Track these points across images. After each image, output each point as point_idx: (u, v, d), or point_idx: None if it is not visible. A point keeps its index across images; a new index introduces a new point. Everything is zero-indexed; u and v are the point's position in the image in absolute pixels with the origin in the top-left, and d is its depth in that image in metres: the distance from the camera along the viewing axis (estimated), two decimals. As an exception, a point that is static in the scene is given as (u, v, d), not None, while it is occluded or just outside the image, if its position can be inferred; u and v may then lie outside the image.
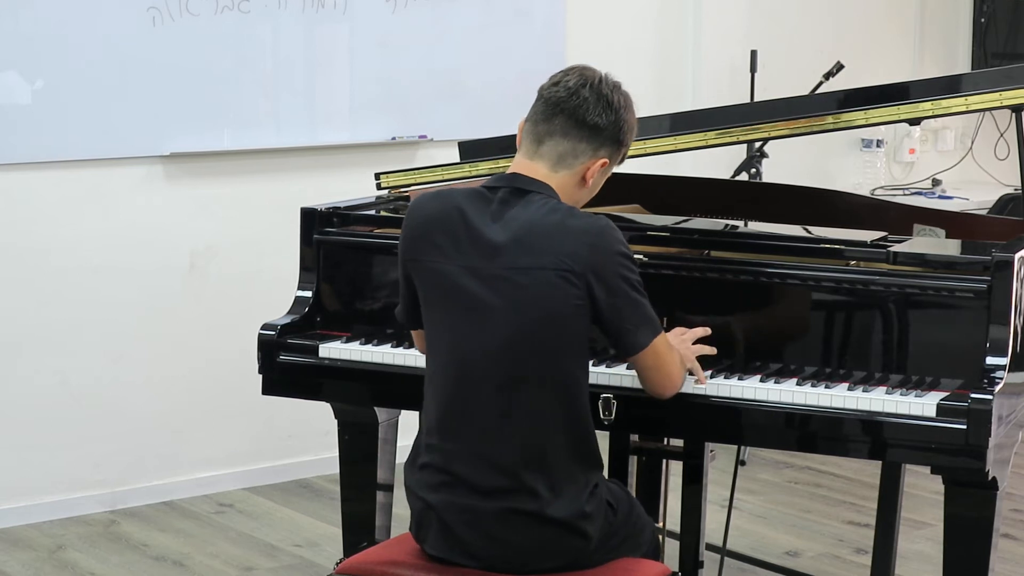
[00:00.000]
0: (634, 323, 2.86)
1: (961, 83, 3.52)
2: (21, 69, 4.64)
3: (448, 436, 2.88)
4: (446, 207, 2.90)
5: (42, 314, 4.79)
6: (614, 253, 2.82)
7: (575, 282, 2.79)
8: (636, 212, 3.75)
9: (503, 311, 2.81)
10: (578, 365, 2.86)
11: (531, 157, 2.91)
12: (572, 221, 2.83)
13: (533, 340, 2.80)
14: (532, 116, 2.92)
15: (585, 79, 2.90)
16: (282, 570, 4.46)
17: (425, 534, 2.91)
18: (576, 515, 2.83)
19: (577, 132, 2.88)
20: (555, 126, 2.88)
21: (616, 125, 2.90)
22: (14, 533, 4.71)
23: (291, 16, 5.07)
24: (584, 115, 2.87)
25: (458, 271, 2.84)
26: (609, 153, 2.92)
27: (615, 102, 2.90)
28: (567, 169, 2.90)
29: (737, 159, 5.58)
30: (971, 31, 6.80)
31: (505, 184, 2.89)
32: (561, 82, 2.90)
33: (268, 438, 5.20)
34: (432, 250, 2.88)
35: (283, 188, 5.08)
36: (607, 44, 5.75)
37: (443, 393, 2.88)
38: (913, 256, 3.12)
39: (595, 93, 2.89)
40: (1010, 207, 5.79)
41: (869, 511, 4.46)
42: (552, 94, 2.90)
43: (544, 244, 2.80)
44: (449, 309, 2.87)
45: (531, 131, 2.91)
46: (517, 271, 2.80)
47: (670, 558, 3.51)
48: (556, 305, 2.79)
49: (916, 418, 2.94)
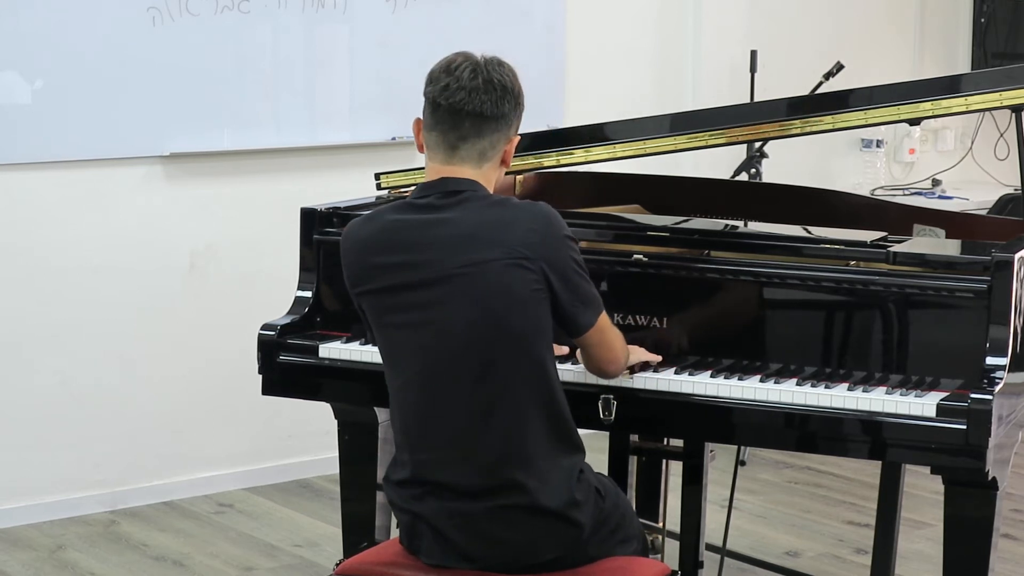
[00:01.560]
0: (583, 303, 2.89)
1: (961, 83, 3.52)
2: (21, 69, 4.64)
3: (423, 446, 2.87)
4: (378, 226, 2.90)
5: (42, 314, 4.79)
6: (562, 237, 2.85)
7: (531, 268, 2.80)
8: (636, 212, 3.76)
9: (462, 308, 2.81)
10: (545, 349, 2.86)
11: (450, 162, 2.89)
12: (516, 211, 2.85)
13: (497, 329, 2.80)
14: (435, 125, 2.89)
15: (473, 71, 2.86)
16: (282, 570, 4.46)
17: (418, 544, 2.90)
18: (567, 504, 2.83)
19: (488, 127, 2.88)
20: (466, 130, 2.87)
21: (516, 101, 2.91)
22: (14, 533, 4.71)
23: (291, 16, 5.07)
24: (490, 110, 2.87)
25: (408, 282, 2.84)
26: (516, 127, 2.95)
27: (508, 83, 2.89)
28: (489, 161, 2.91)
29: (737, 159, 5.58)
30: (971, 31, 6.80)
31: (433, 190, 2.89)
32: (451, 85, 2.85)
33: (268, 438, 5.21)
34: (376, 273, 2.87)
35: (283, 188, 5.08)
36: (607, 44, 5.75)
37: (412, 405, 2.88)
38: (913, 256, 3.12)
39: (489, 84, 2.86)
40: (1010, 207, 5.79)
41: (869, 511, 4.45)
42: (449, 100, 2.86)
43: (492, 236, 2.81)
44: (407, 323, 2.86)
45: (441, 141, 2.89)
46: (470, 267, 2.80)
47: (670, 558, 3.51)
48: (515, 292, 2.80)
49: (916, 418, 2.94)
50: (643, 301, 3.25)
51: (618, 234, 3.39)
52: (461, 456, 2.84)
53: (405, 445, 2.90)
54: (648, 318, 3.24)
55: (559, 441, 2.87)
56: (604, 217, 3.57)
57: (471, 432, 2.83)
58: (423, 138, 2.94)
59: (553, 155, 3.77)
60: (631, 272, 3.27)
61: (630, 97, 5.66)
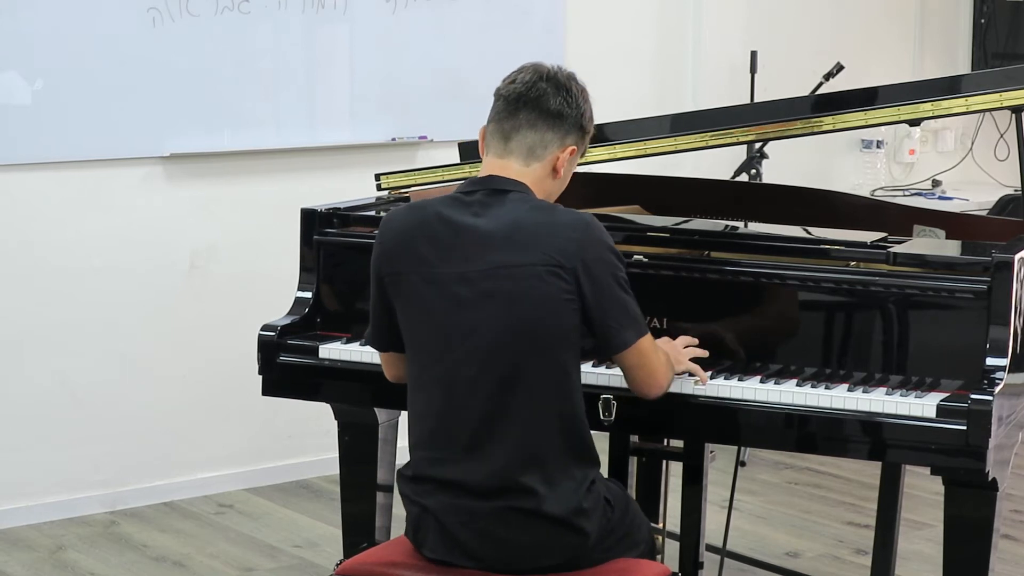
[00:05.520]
0: (619, 321, 2.87)
1: (961, 84, 3.52)
2: (21, 69, 4.64)
3: (441, 444, 2.87)
4: (425, 215, 2.90)
5: (42, 314, 4.79)
6: (603, 249, 2.84)
7: (565, 277, 2.80)
8: (636, 213, 3.76)
9: (495, 310, 2.81)
10: (571, 359, 2.86)
11: (501, 156, 2.92)
12: (558, 217, 2.85)
13: (526, 336, 2.81)
14: (495, 116, 2.95)
15: (540, 72, 2.94)
16: (282, 571, 4.46)
17: (423, 537, 2.91)
18: (573, 511, 2.83)
19: (543, 122, 2.91)
20: (520, 120, 2.91)
21: (578, 111, 2.94)
22: (14, 533, 4.71)
23: (291, 16, 5.07)
24: (547, 104, 2.90)
25: (447, 277, 2.84)
26: (576, 140, 2.95)
27: (573, 89, 2.94)
28: (538, 161, 2.92)
29: (737, 160, 5.58)
30: (971, 32, 6.80)
31: (481, 187, 2.90)
32: (518, 79, 2.94)
33: (268, 438, 5.21)
34: (416, 262, 2.87)
35: (283, 188, 5.08)
36: (607, 44, 5.75)
37: (434, 401, 2.88)
38: (913, 257, 3.12)
39: (553, 83, 2.92)
40: (1010, 208, 5.79)
41: (869, 512, 4.46)
42: (511, 91, 2.93)
43: (532, 241, 2.81)
44: (437, 318, 2.86)
45: (496, 130, 2.93)
46: (507, 268, 2.81)
47: (670, 559, 3.52)
48: (547, 300, 2.80)
49: (916, 419, 2.94)
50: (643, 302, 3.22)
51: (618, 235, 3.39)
52: (474, 455, 2.84)
53: (426, 441, 2.90)
54: (648, 319, 3.23)
55: (573, 450, 2.87)
56: (604, 218, 3.54)
57: (487, 432, 2.83)
58: (485, 135, 2.97)
59: (553, 156, 3.76)
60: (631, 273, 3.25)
61: (630, 97, 5.66)
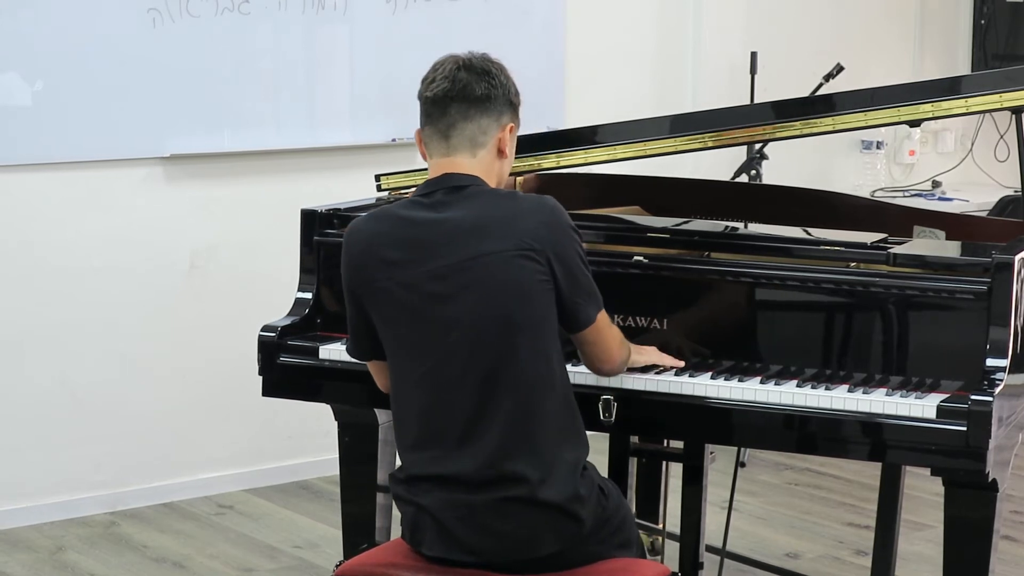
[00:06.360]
0: (584, 298, 2.91)
1: (961, 85, 3.52)
2: (21, 70, 4.65)
3: (432, 442, 2.88)
4: (387, 221, 2.93)
5: (42, 314, 4.79)
6: (568, 228, 2.89)
7: (538, 259, 2.83)
8: (636, 213, 3.75)
9: (473, 302, 2.83)
10: (551, 340, 2.88)
11: (447, 154, 2.94)
12: (520, 203, 2.90)
13: (508, 321, 2.82)
14: (427, 120, 2.96)
15: (456, 64, 2.95)
16: (282, 571, 4.46)
17: (421, 536, 2.91)
18: (569, 498, 2.83)
19: (475, 110, 2.93)
20: (453, 115, 2.93)
21: (504, 89, 2.96)
22: (14, 534, 4.71)
23: (291, 17, 5.07)
24: (473, 92, 2.92)
25: (420, 276, 2.86)
26: (511, 117, 2.98)
27: (492, 70, 2.96)
28: (483, 148, 2.94)
29: (737, 161, 5.58)
30: (971, 32, 6.80)
31: (437, 187, 2.92)
32: (436, 78, 2.95)
33: (268, 439, 5.21)
34: (384, 268, 2.88)
35: (283, 189, 5.08)
36: (607, 44, 5.75)
37: (421, 400, 2.89)
38: (913, 258, 3.12)
39: (472, 71, 2.94)
40: (1010, 209, 5.79)
41: (869, 513, 4.46)
42: (435, 90, 2.94)
43: (500, 229, 2.84)
44: (416, 317, 2.87)
45: (433, 132, 2.95)
46: (480, 258, 2.83)
47: (670, 559, 3.52)
48: (524, 284, 2.83)
49: (916, 420, 2.94)
50: (643, 303, 3.25)
51: (618, 235, 3.39)
52: (465, 448, 2.84)
53: (416, 442, 2.90)
54: (648, 320, 3.24)
55: (563, 433, 2.88)
56: (604, 218, 3.57)
57: (476, 423, 2.84)
58: (423, 139, 2.98)
59: (553, 156, 3.77)
60: (631, 274, 3.27)
61: (630, 98, 5.66)
